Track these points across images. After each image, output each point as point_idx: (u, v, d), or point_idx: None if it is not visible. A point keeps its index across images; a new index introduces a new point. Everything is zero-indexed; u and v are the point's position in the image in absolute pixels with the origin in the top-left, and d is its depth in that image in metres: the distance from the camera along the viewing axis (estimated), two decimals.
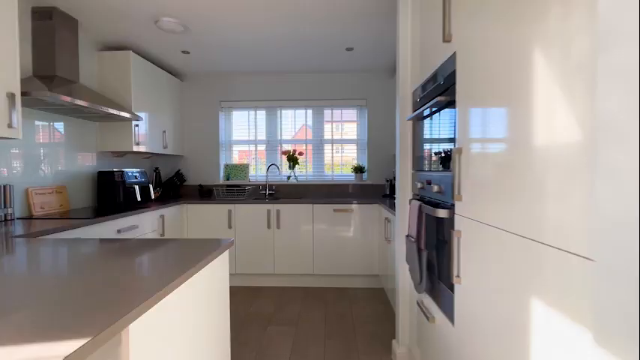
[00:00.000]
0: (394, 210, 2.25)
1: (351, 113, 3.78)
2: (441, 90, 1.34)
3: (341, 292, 3.05)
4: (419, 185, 1.60)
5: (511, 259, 0.82)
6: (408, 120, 1.74)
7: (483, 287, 0.97)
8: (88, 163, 2.69)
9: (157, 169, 3.46)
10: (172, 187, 3.58)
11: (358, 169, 3.64)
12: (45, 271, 0.94)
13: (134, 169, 2.91)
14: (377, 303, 2.81)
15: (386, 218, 2.55)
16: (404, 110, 1.86)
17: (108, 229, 2.12)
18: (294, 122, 3.81)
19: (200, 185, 3.64)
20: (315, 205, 3.12)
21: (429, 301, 1.52)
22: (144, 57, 3.12)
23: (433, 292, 1.44)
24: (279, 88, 3.71)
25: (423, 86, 1.58)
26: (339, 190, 3.69)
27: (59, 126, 2.44)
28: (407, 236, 1.63)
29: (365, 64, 3.41)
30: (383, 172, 3.67)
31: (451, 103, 1.25)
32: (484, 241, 0.97)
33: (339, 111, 3.78)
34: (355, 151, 3.78)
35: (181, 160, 3.78)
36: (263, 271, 3.17)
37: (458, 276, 1.13)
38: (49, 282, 0.84)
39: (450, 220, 1.24)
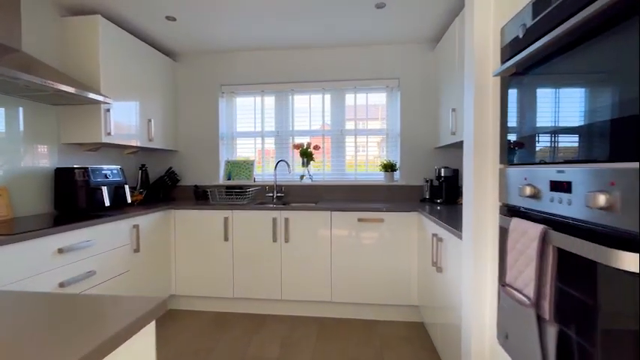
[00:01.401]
0: (449, 223, 1.50)
1: (379, 97, 3.04)
2: None
3: (367, 327, 2.32)
4: (527, 191, 0.85)
5: None
6: (496, 76, 1.00)
7: None
8: (45, 158, 2.12)
9: (143, 166, 2.87)
10: (163, 188, 2.98)
11: (388, 167, 2.89)
12: None
13: (106, 166, 2.32)
14: (418, 347, 2.06)
15: (434, 235, 1.80)
16: (482, 63, 1.11)
17: (42, 248, 1.51)
18: (309, 109, 3.11)
19: (195, 186, 3.02)
20: (333, 212, 2.41)
21: None
22: (122, 27, 2.53)
23: None
24: (291, 67, 3.03)
25: (539, 3, 0.83)
26: (363, 194, 2.96)
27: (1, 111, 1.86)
28: (504, 286, 0.89)
29: (399, 31, 2.66)
30: (420, 171, 2.90)
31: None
32: None
33: (365, 94, 3.04)
34: (384, 144, 3.04)
35: (175, 156, 3.18)
36: (267, 296, 2.49)
37: None
38: None
39: None
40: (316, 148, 3.05)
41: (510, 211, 0.98)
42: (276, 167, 2.98)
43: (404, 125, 2.92)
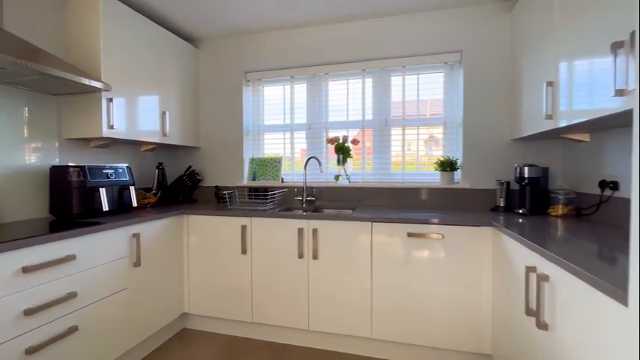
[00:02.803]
0: (559, 253, 0.88)
1: (434, 78, 2.42)
2: None
3: None
4: None
5: None
6: None
7: None
8: (42, 154, 1.87)
9: (160, 164, 2.58)
10: (183, 189, 2.67)
11: (446, 165, 2.27)
12: None
13: (109, 165, 2.03)
14: None
15: (531, 269, 1.18)
16: None
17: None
18: (346, 97, 2.60)
19: (216, 187, 2.66)
20: (375, 223, 1.87)
21: None
22: (133, 7, 2.23)
23: None
24: (325, 47, 2.54)
25: None
26: (414, 199, 2.36)
27: None
28: None
29: None
30: (490, 170, 2.23)
31: None
32: None
33: (415, 76, 2.44)
34: (441, 136, 2.41)
35: (197, 154, 2.87)
36: (291, 324, 2.03)
37: None
38: None
39: None
40: (355, 142, 2.52)
41: None
42: (306, 165, 2.51)
43: (468, 112, 2.27)
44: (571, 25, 1.36)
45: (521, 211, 1.90)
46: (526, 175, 1.88)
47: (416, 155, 2.45)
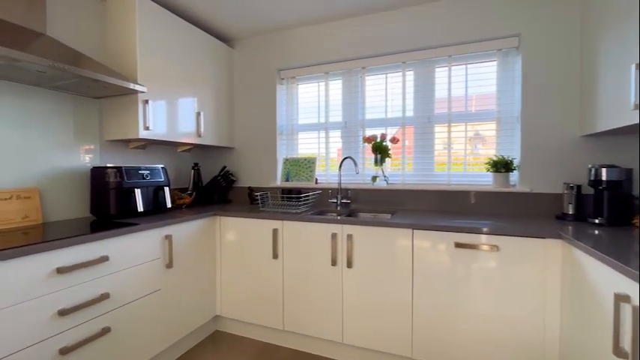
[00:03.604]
0: None
1: (485, 68, 2.15)
2: None
3: None
4: None
5: None
6: None
7: None
8: (85, 156, 1.93)
9: (195, 165, 2.60)
10: (218, 189, 2.67)
11: (500, 166, 2.00)
12: None
13: (145, 166, 2.05)
14: None
15: (621, 298, 0.94)
16: None
17: (33, 268, 1.20)
18: (384, 92, 2.41)
19: (249, 188, 2.62)
20: (416, 230, 1.68)
21: None
22: (169, 8, 2.25)
23: None
24: (361, 39, 2.37)
25: None
26: (461, 204, 2.12)
27: (34, 104, 1.69)
28: None
29: None
30: (555, 171, 1.92)
31: None
32: None
33: (463, 66, 2.19)
34: (492, 133, 2.14)
35: (231, 154, 2.85)
36: (324, 336, 1.90)
37: None
38: None
39: None
40: (394, 140, 2.33)
41: None
42: (340, 166, 2.37)
43: (527, 104, 1.98)
44: None
45: (597, 221, 1.59)
46: (604, 178, 1.57)
47: (463, 154, 2.20)
